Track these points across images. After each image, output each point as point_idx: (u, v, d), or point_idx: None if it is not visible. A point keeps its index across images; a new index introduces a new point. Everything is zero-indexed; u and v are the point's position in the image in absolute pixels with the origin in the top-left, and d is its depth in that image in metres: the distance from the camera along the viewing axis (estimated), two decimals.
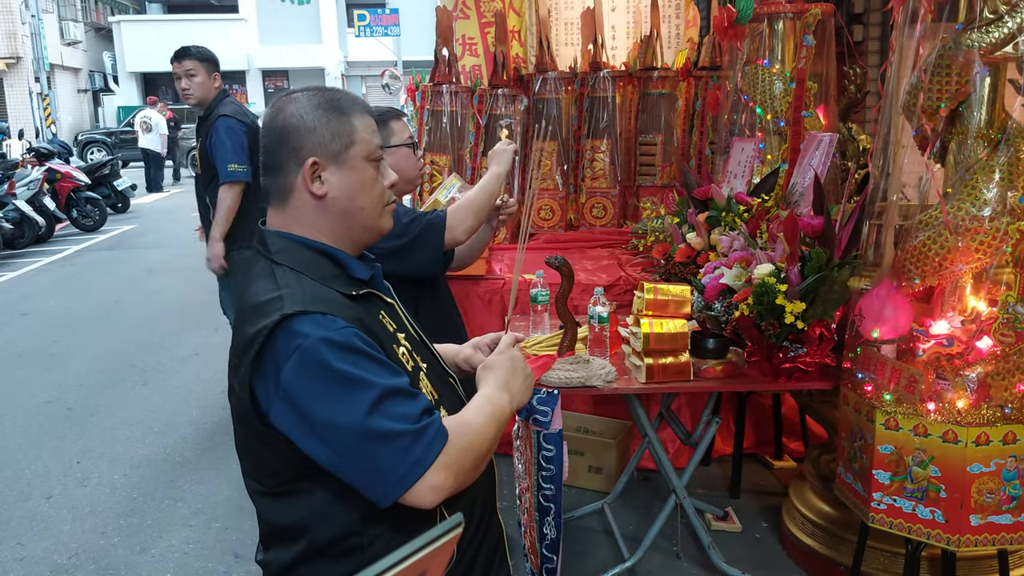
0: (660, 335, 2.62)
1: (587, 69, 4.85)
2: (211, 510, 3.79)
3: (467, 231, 2.68)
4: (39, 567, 3.37)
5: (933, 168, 2.42)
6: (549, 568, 2.69)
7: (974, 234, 2.26)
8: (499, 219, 2.89)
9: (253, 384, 1.32)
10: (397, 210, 2.58)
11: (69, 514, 3.79)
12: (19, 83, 24.85)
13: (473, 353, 1.80)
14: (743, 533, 3.44)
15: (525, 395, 1.60)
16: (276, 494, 1.40)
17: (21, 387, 5.54)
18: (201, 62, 4.34)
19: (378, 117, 2.67)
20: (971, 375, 2.29)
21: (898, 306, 2.38)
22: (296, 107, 1.43)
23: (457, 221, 2.66)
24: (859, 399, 2.51)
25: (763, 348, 2.70)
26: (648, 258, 3.72)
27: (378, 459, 1.27)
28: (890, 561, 2.83)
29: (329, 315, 1.31)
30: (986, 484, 2.31)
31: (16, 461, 4.38)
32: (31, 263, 10.00)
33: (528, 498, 2.82)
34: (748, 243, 2.93)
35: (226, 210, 4.27)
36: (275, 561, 1.44)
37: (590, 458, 3.85)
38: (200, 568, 3.34)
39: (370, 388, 1.27)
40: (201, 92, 4.37)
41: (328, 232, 1.46)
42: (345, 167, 1.44)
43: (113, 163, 13.61)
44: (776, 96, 3.42)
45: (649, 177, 4.89)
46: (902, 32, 2.42)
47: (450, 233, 2.65)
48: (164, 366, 5.91)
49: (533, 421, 2.54)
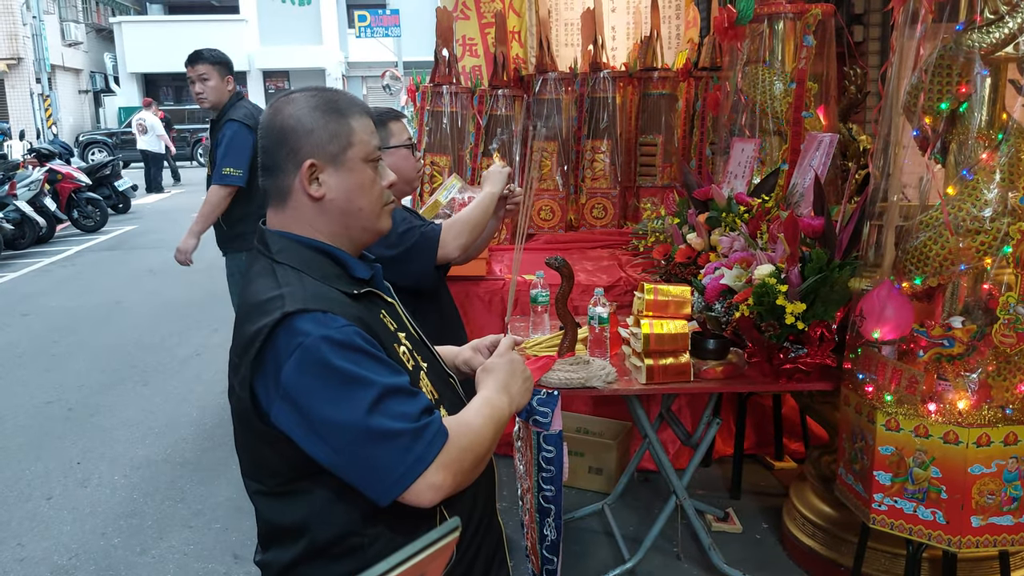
0: (660, 336, 2.62)
1: (587, 70, 4.85)
2: (211, 511, 3.79)
3: (460, 248, 2.69)
4: (39, 568, 3.37)
5: (934, 168, 2.42)
6: (550, 569, 2.68)
7: (975, 234, 2.25)
8: (506, 208, 2.89)
9: (254, 383, 1.32)
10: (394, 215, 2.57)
11: (69, 515, 3.79)
12: (20, 84, 24.88)
13: (473, 355, 1.80)
14: (744, 534, 3.44)
15: (524, 397, 1.60)
16: (276, 494, 1.40)
17: (22, 388, 5.54)
18: (214, 65, 4.38)
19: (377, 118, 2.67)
20: (972, 376, 2.29)
21: (899, 307, 2.37)
22: (294, 108, 1.43)
23: (451, 237, 2.67)
24: (860, 400, 2.51)
25: (763, 349, 2.70)
26: (648, 259, 3.72)
27: (378, 458, 1.27)
28: (891, 562, 2.83)
29: (330, 313, 1.31)
30: (987, 485, 2.30)
31: (17, 462, 4.38)
32: (32, 264, 10.01)
33: (529, 499, 2.81)
34: (748, 244, 2.92)
35: (209, 208, 4.33)
36: (275, 562, 1.44)
37: (590, 459, 3.85)
38: (200, 569, 3.34)
39: (370, 387, 1.27)
40: (215, 96, 4.41)
41: (327, 232, 1.46)
42: (343, 169, 1.44)
43: (114, 164, 13.61)
44: (776, 96, 3.42)
45: (649, 178, 4.89)
46: (902, 32, 2.42)
47: (443, 249, 2.66)
48: (165, 366, 5.92)
49: (533, 422, 2.53)
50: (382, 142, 2.59)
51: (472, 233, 2.72)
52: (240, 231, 4.33)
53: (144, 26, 31.00)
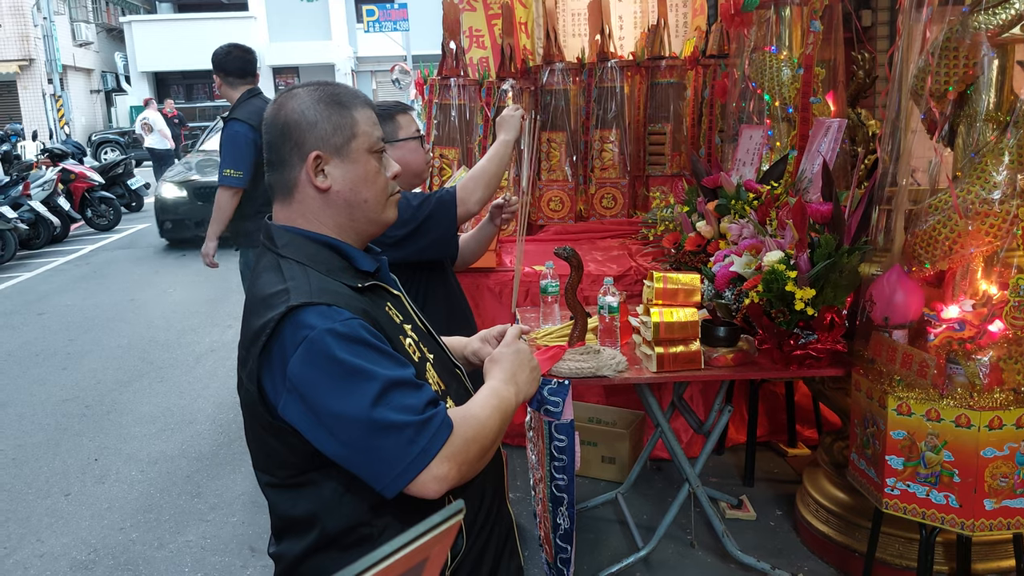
0: (670, 324, 2.62)
1: (595, 59, 4.84)
2: (227, 505, 3.83)
3: (479, 202, 2.68)
4: (59, 562, 3.41)
5: (942, 152, 2.41)
6: (563, 558, 2.70)
7: (984, 217, 2.24)
8: (502, 217, 2.89)
9: (261, 376, 1.34)
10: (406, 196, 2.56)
11: (88, 511, 3.84)
12: (32, 85, 25.03)
13: (481, 346, 1.81)
14: (757, 521, 3.44)
15: (532, 387, 1.60)
16: (287, 486, 1.42)
17: (39, 386, 5.60)
18: (215, 71, 4.50)
19: (384, 112, 2.69)
20: (983, 359, 2.28)
21: (909, 291, 2.37)
22: (297, 103, 1.44)
23: (468, 193, 2.66)
24: (871, 385, 2.50)
25: (774, 335, 2.69)
26: (658, 247, 3.71)
27: (382, 450, 1.28)
28: (905, 547, 2.82)
29: (335, 307, 1.32)
30: (1000, 468, 2.30)
31: (35, 459, 4.43)
32: (47, 263, 10.09)
33: (542, 489, 2.83)
34: (758, 231, 2.92)
35: (217, 210, 4.40)
36: (287, 553, 1.45)
37: (603, 448, 3.86)
38: (217, 562, 3.37)
39: (375, 379, 1.28)
40: (225, 97, 4.57)
41: (333, 225, 1.47)
42: (348, 160, 1.45)
43: (127, 162, 13.66)
44: (784, 83, 3.40)
45: (658, 167, 4.89)
46: (909, 15, 2.41)
47: (462, 206, 2.64)
48: (180, 363, 5.96)
49: (545, 412, 2.54)
50: (390, 135, 2.62)
51: (489, 186, 2.70)
52: (247, 228, 4.36)
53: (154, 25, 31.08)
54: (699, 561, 3.19)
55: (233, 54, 4.47)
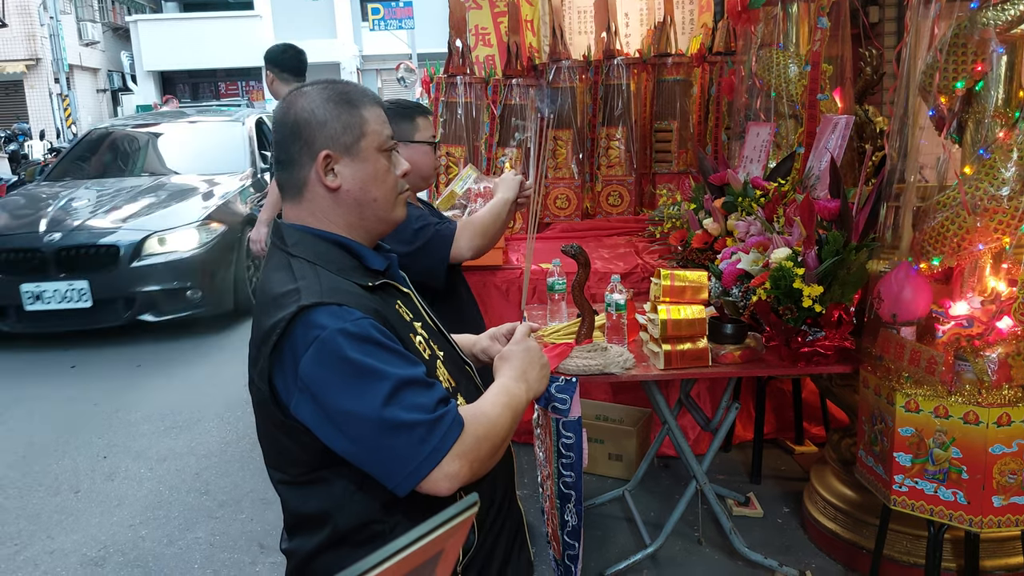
0: (677, 321, 2.62)
1: (601, 57, 4.84)
2: (236, 502, 3.84)
3: (472, 250, 2.72)
4: (69, 559, 3.43)
5: (951, 148, 2.40)
6: (571, 555, 2.70)
7: (992, 214, 2.24)
8: (516, 203, 2.90)
9: (272, 375, 1.34)
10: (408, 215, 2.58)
11: (97, 508, 3.85)
12: (39, 84, 25.08)
13: (490, 344, 1.81)
14: (765, 518, 3.44)
15: (542, 384, 1.61)
16: (299, 483, 1.43)
17: (47, 384, 5.62)
18: (269, 67, 4.60)
19: (406, 110, 2.70)
20: (992, 356, 2.28)
21: (917, 288, 2.36)
22: (306, 101, 1.45)
23: (464, 239, 2.70)
24: (879, 382, 2.50)
25: (781, 333, 2.70)
26: (665, 245, 3.72)
27: (394, 449, 1.29)
28: (913, 544, 2.82)
29: (346, 306, 1.33)
30: (1008, 465, 2.29)
31: (44, 457, 4.45)
32: None
33: (549, 486, 2.83)
34: (765, 228, 2.92)
35: (271, 197, 4.61)
36: (299, 549, 1.46)
37: (610, 446, 3.86)
38: (227, 559, 3.39)
39: (386, 379, 1.29)
40: (273, 94, 4.66)
41: (343, 224, 1.48)
42: (358, 159, 1.46)
43: None
44: (791, 80, 3.40)
45: (665, 164, 4.88)
46: (917, 11, 2.40)
47: (456, 250, 2.69)
48: (188, 359, 5.98)
49: (552, 409, 2.54)
50: (407, 135, 2.63)
51: (485, 237, 2.75)
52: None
53: (160, 24, 31.10)
54: (706, 558, 3.19)
55: (289, 52, 4.60)
